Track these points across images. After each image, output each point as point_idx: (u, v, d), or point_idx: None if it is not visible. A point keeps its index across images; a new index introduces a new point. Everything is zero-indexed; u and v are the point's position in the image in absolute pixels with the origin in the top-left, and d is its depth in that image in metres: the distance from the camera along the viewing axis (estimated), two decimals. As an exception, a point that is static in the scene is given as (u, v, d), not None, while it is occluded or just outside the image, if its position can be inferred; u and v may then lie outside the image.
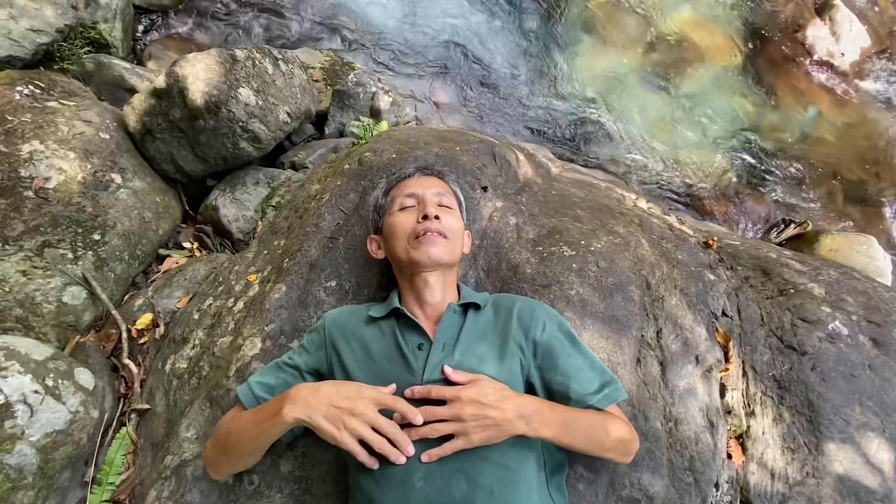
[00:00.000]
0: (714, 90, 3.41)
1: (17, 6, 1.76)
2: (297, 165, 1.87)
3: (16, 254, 1.15)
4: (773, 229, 2.64)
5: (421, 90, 2.65)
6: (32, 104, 1.33)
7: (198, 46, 2.49)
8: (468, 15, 2.99)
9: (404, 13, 2.85)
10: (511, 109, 2.83)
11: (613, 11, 3.42)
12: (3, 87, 1.32)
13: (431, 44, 2.81)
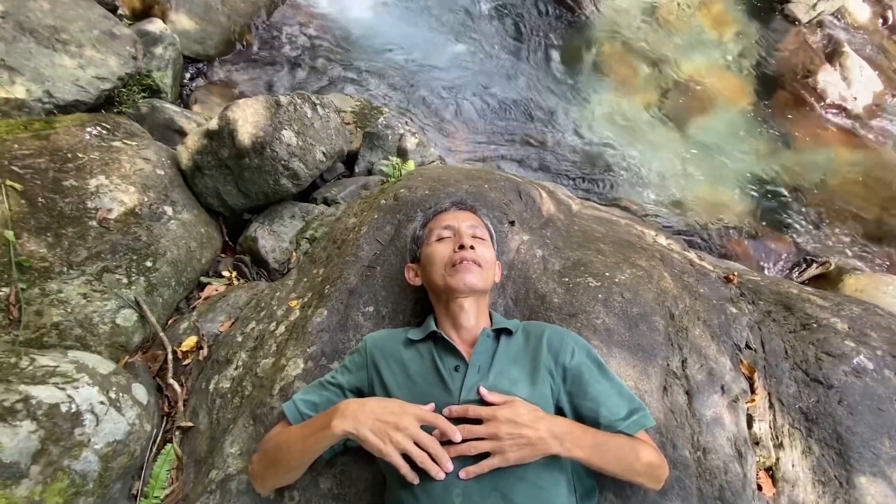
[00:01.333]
0: (728, 132, 3.54)
1: (86, 56, 1.99)
2: (330, 201, 2.01)
3: (78, 277, 1.27)
4: (796, 268, 2.67)
5: (444, 132, 2.83)
6: (100, 143, 1.50)
7: (238, 92, 2.73)
8: (487, 62, 3.23)
9: (429, 63, 3.09)
10: (529, 150, 2.98)
11: (627, 58, 3.64)
12: (76, 128, 1.50)
13: (454, 88, 3.03)
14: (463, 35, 3.28)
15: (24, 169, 1.30)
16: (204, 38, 2.76)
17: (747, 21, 4.14)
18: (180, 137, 2.15)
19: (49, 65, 1.86)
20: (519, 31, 3.42)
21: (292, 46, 2.96)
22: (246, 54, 2.88)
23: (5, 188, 1.22)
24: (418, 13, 3.28)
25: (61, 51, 1.91)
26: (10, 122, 1.42)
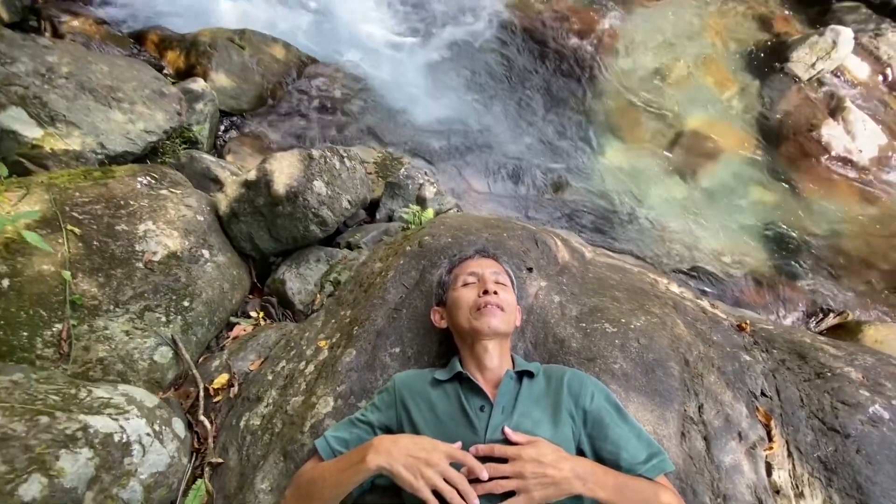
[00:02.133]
0: (736, 183, 3.67)
1: (137, 112, 2.22)
2: (353, 245, 2.13)
3: (123, 315, 1.38)
4: (813, 318, 2.68)
5: (460, 181, 3.00)
6: (149, 191, 1.65)
7: (268, 143, 2.96)
8: (500, 117, 3.45)
9: (445, 117, 3.32)
10: (541, 198, 3.12)
11: (634, 113, 3.86)
12: (129, 178, 1.66)
13: (468, 140, 3.23)
14: (478, 91, 3.54)
15: (83, 214, 1.44)
16: (239, 94, 3.03)
17: (749, 79, 4.40)
18: (214, 185, 2.33)
19: (104, 119, 2.07)
20: (531, 89, 3.68)
21: (318, 102, 3.21)
22: (276, 109, 3.14)
23: (66, 232, 1.36)
24: (436, 72, 3.56)
25: (115, 107, 2.13)
26: (72, 172, 1.59)
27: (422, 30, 3.75)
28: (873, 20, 5.34)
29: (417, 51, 3.63)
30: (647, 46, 4.27)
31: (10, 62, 1.93)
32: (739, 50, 4.60)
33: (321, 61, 3.35)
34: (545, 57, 3.88)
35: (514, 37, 3.95)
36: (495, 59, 3.77)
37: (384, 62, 3.46)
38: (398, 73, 3.46)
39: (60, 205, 1.39)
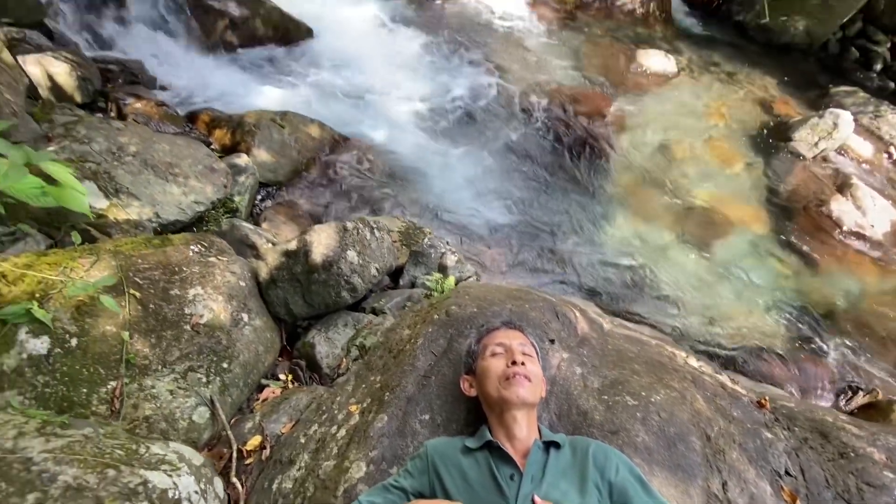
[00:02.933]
0: (749, 255, 3.78)
1: (189, 185, 2.48)
2: (377, 311, 2.25)
3: (169, 375, 1.49)
4: (841, 396, 2.65)
5: (479, 250, 3.17)
6: (200, 259, 1.83)
7: (300, 212, 3.21)
8: (517, 189, 3.70)
9: (466, 189, 3.58)
10: (556, 267, 3.26)
11: (644, 187, 4.08)
12: (183, 246, 1.85)
13: (487, 212, 3.45)
14: (494, 167, 3.83)
15: (143, 279, 1.61)
16: (276, 168, 3.34)
17: (754, 156, 4.66)
18: (251, 250, 2.52)
19: (161, 192, 2.33)
20: (544, 163, 3.96)
21: (347, 175, 3.51)
22: (309, 181, 3.43)
23: (128, 296, 1.52)
24: (454, 148, 3.88)
25: (172, 181, 2.40)
26: (135, 240, 1.79)
27: (442, 111, 4.14)
28: (872, 103, 5.69)
29: (437, 130, 3.99)
30: (654, 126, 4.60)
31: (88, 142, 2.23)
32: (742, 130, 4.92)
33: (352, 139, 3.70)
34: (557, 135, 4.21)
35: (528, 116, 4.32)
36: (510, 137, 4.11)
37: (408, 140, 3.81)
38: (420, 150, 3.79)
39: (125, 270, 1.57)
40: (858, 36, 6.74)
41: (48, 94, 2.94)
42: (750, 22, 6.22)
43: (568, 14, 5.71)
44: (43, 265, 1.42)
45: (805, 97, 5.62)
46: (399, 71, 4.37)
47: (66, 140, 2.15)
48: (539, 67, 4.89)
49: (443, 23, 5.11)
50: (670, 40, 5.80)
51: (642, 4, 5.91)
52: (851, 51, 6.56)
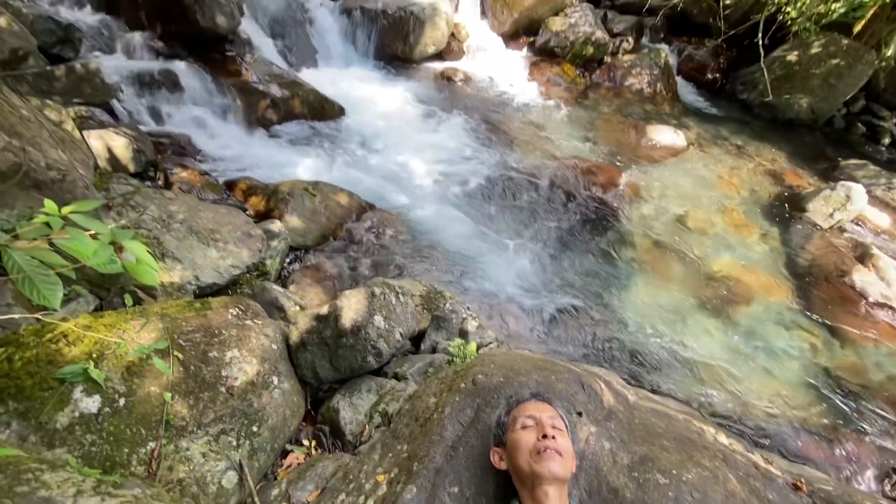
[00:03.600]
0: (773, 326, 3.74)
1: (227, 250, 2.66)
2: (399, 376, 2.29)
3: (203, 437, 1.54)
4: (886, 480, 2.50)
5: (499, 316, 3.23)
6: (237, 322, 1.94)
7: (326, 275, 3.35)
8: (535, 254, 3.81)
9: (486, 255, 3.71)
10: (577, 335, 3.27)
11: (661, 254, 4.16)
12: (222, 309, 1.97)
13: (507, 277, 3.55)
14: (514, 235, 3.98)
15: (186, 341, 1.71)
16: (306, 233, 3.54)
17: (769, 226, 4.75)
18: (278, 312, 2.64)
19: (202, 256, 2.50)
20: (562, 231, 4.11)
21: (372, 239, 3.69)
22: (335, 245, 3.61)
23: (172, 358, 1.61)
24: (476, 217, 4.07)
25: (212, 246, 2.58)
26: (179, 303, 1.92)
27: (461, 182, 4.40)
28: (884, 175, 5.84)
29: (457, 199, 4.21)
30: (667, 196, 4.78)
31: (143, 210, 2.45)
32: (756, 200, 5.06)
33: (377, 207, 3.93)
34: (573, 204, 4.40)
35: (545, 187, 4.55)
36: (528, 206, 4.30)
37: (430, 209, 4.02)
38: (441, 218, 3.99)
39: (170, 332, 1.67)
40: (863, 112, 7.07)
41: (106, 165, 3.26)
42: (754, 100, 6.60)
43: (579, 94, 6.17)
44: (100, 326, 1.53)
45: (815, 169, 5.81)
46: (422, 144, 4.71)
47: (125, 208, 2.37)
48: (553, 141, 5.22)
49: (462, 101, 5.57)
50: (678, 117, 6.16)
51: (650, 85, 6.36)
52: (857, 126, 6.85)
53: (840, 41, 6.16)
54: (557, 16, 6.25)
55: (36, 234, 1.36)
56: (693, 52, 6.94)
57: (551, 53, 6.29)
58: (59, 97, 3.35)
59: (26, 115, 1.95)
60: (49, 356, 1.38)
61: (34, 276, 1.27)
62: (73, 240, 1.27)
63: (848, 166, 5.85)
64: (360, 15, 5.41)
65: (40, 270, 1.29)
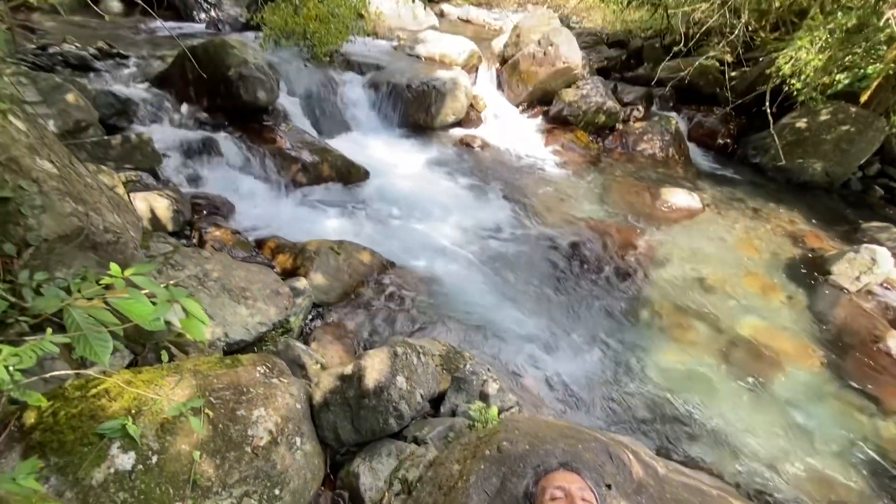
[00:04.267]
0: (807, 394, 3.59)
1: (256, 307, 2.76)
2: (419, 440, 2.27)
3: (227, 499, 1.54)
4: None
5: (519, 378, 3.19)
6: (264, 380, 1.99)
7: (346, 332, 3.41)
8: (556, 317, 3.82)
9: (505, 315, 3.74)
10: (599, 400, 3.20)
11: (682, 317, 4.12)
12: (250, 367, 2.03)
13: (527, 339, 3.54)
14: (534, 295, 4.02)
15: (216, 399, 1.76)
16: (329, 290, 3.65)
17: (794, 289, 4.69)
18: (300, 370, 2.67)
19: (232, 314, 2.60)
20: (582, 293, 4.13)
21: (392, 298, 3.77)
22: (356, 302, 3.70)
23: (203, 416, 1.66)
24: (497, 277, 4.15)
25: (242, 304, 2.69)
26: (210, 360, 1.99)
27: (480, 242, 4.53)
28: (908, 237, 5.77)
29: (476, 259, 4.32)
30: (686, 258, 4.80)
31: (182, 268, 2.60)
32: (777, 262, 5.03)
33: (398, 265, 4.05)
34: (591, 265, 4.46)
35: (562, 247, 4.63)
36: (546, 267, 4.37)
37: (450, 269, 4.12)
38: (461, 278, 4.07)
39: (202, 390, 1.73)
40: (879, 175, 7.14)
41: (147, 224, 3.49)
42: (767, 164, 6.76)
43: (593, 158, 6.43)
44: (139, 382, 1.61)
45: (836, 231, 5.79)
46: (442, 206, 4.92)
47: (165, 266, 2.53)
48: (569, 203, 5.38)
49: (480, 166, 5.85)
50: (692, 180, 6.32)
51: (662, 149, 6.60)
52: (875, 189, 6.90)
53: (848, 109, 6.38)
54: (570, 88, 6.68)
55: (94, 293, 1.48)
56: (702, 119, 7.25)
57: (565, 121, 6.65)
58: (112, 163, 3.67)
59: (90, 182, 2.17)
60: (91, 411, 1.45)
61: (89, 335, 1.37)
62: (132, 300, 1.39)
63: (870, 229, 5.83)
64: (386, 89, 5.89)
65: (94, 328, 1.39)
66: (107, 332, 1.39)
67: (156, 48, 5.46)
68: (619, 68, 8.28)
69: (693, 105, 7.51)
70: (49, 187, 1.78)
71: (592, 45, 8.69)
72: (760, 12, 6.50)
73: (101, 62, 4.92)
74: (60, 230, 1.76)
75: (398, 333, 3.49)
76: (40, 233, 1.73)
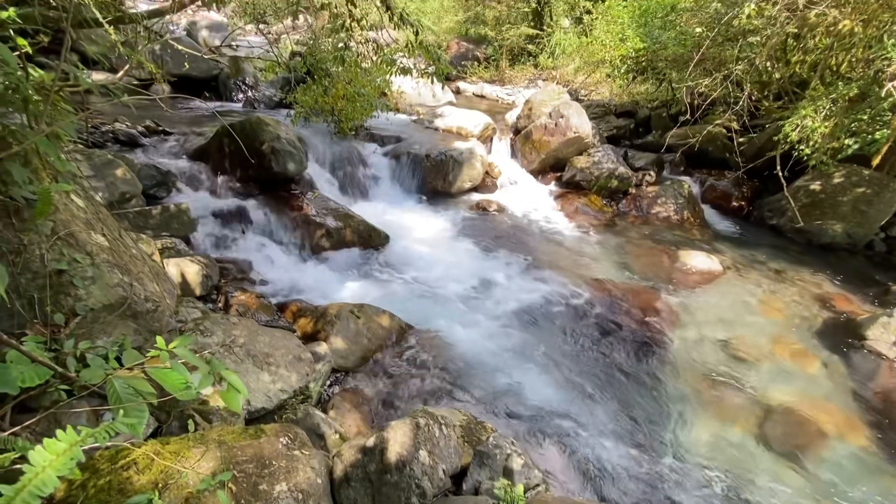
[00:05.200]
0: (856, 469, 3.35)
1: (279, 374, 2.78)
2: (442, 521, 2.17)
3: (245, 585, 1.48)
4: None
5: (544, 454, 3.07)
6: (286, 452, 1.97)
7: (365, 399, 3.37)
8: (581, 388, 3.72)
9: (528, 386, 3.66)
10: (629, 478, 3.03)
11: (711, 385, 3.96)
12: (273, 437, 2.02)
13: (550, 412, 3.44)
14: (553, 361, 3.95)
15: (240, 472, 1.75)
16: (348, 355, 3.66)
17: (828, 355, 4.50)
18: (318, 439, 2.63)
19: (255, 380, 2.63)
20: (606, 359, 4.05)
21: (412, 363, 3.75)
22: (375, 367, 3.69)
23: (226, 489, 1.64)
24: (517, 344, 4.12)
25: (265, 370, 2.73)
26: (234, 430, 1.99)
27: (500, 306, 4.54)
28: (944, 300, 5.57)
29: (496, 323, 4.31)
30: (710, 322, 4.70)
31: (210, 335, 2.67)
32: (806, 327, 4.88)
33: (417, 328, 4.07)
34: (613, 330, 4.40)
35: (582, 311, 4.61)
36: (567, 332, 4.33)
37: (469, 333, 4.12)
38: (480, 343, 4.05)
39: (227, 462, 1.73)
40: (903, 235, 7.03)
41: (177, 289, 3.63)
42: (785, 225, 6.76)
43: (608, 221, 6.55)
44: (167, 453, 1.62)
45: (866, 294, 5.64)
46: (460, 269, 5.01)
47: (194, 333, 2.61)
48: (588, 266, 5.42)
49: (497, 229, 6.01)
50: (709, 242, 6.34)
51: (676, 212, 6.70)
52: (900, 249, 6.77)
53: (861, 172, 6.47)
54: (581, 155, 6.97)
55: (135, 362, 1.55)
56: (715, 182, 7.40)
57: (578, 186, 6.87)
58: (151, 231, 3.91)
59: (135, 252, 2.32)
60: (120, 484, 1.46)
61: (128, 406, 1.43)
62: (168, 370, 1.45)
63: (901, 291, 5.66)
64: (406, 158, 6.25)
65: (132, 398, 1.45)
66: (144, 403, 1.44)
67: (196, 125, 5.98)
68: (629, 136, 8.64)
69: (704, 169, 7.71)
70: (101, 259, 1.92)
71: (601, 116, 9.16)
72: (762, 84, 6.83)
73: (148, 138, 5.39)
74: (106, 300, 1.87)
75: (417, 400, 3.44)
76: (88, 303, 1.84)
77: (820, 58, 5.55)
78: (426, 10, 13.97)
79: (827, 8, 4.71)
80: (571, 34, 12.34)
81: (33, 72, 1.80)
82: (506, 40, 12.93)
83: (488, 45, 13.50)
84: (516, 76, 12.81)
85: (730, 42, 6.23)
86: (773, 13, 4.85)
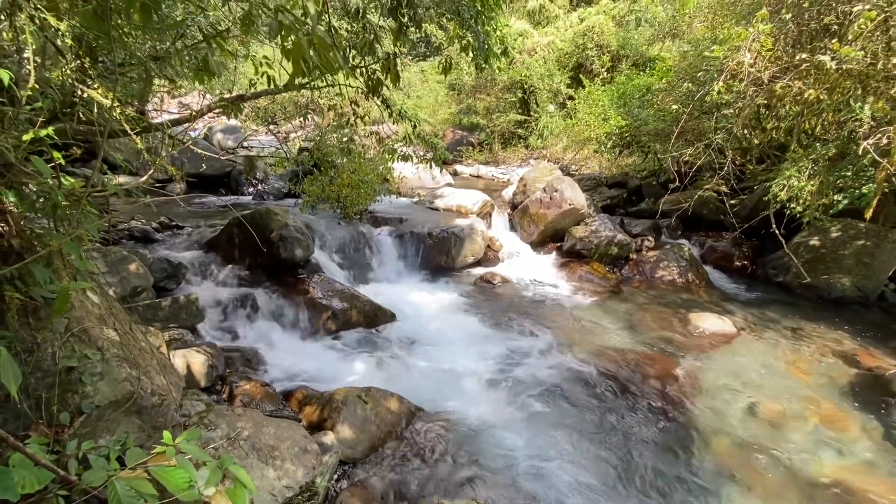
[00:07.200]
0: (927, 553, 2.99)
1: (284, 469, 2.64)
2: None
3: None
4: None
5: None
6: (292, 558, 1.82)
7: (375, 494, 3.14)
8: (597, 468, 3.48)
9: (548, 467, 3.44)
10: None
11: (746, 457, 3.69)
12: (277, 542, 1.87)
13: (568, 492, 3.19)
14: (575, 437, 3.74)
15: (241, 585, 1.60)
16: (355, 444, 3.48)
17: (864, 416, 4.25)
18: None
19: (260, 477, 2.49)
20: (624, 427, 3.83)
21: (423, 449, 3.55)
22: (385, 457, 3.49)
23: None
24: (532, 422, 3.93)
25: (270, 465, 2.59)
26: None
27: (511, 382, 4.40)
28: (971, 347, 5.37)
29: (508, 400, 4.15)
30: (732, 387, 4.51)
31: (214, 428, 2.59)
32: (834, 386, 4.66)
33: (427, 410, 3.91)
34: (633, 400, 4.21)
35: (597, 382, 4.44)
36: (584, 404, 4.15)
37: (480, 412, 3.95)
38: (493, 423, 3.87)
39: (228, 573, 1.59)
40: (914, 285, 6.96)
41: (181, 381, 3.57)
42: (792, 282, 6.73)
43: (613, 287, 6.56)
44: (164, 566, 1.50)
45: (890, 348, 5.45)
46: (467, 344, 4.93)
47: (200, 426, 2.53)
48: (597, 334, 5.33)
49: (503, 302, 6.01)
50: (718, 303, 6.28)
51: (680, 275, 6.73)
52: (914, 300, 6.66)
53: (857, 225, 6.59)
54: (579, 225, 7.18)
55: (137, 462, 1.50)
56: (714, 243, 7.52)
57: (579, 255, 6.98)
58: (159, 323, 3.94)
59: (144, 346, 2.33)
60: None
61: (128, 509, 1.36)
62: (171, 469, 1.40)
63: (926, 343, 5.48)
64: (409, 237, 6.44)
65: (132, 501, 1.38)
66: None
67: (208, 218, 6.28)
68: (623, 205, 8.95)
69: (700, 232, 7.87)
70: (111, 355, 1.94)
71: (594, 188, 9.57)
72: (743, 149, 7.21)
73: (161, 233, 5.64)
74: (113, 396, 1.86)
75: (428, 492, 3.20)
76: (95, 399, 1.82)
77: (793, 123, 5.91)
78: (422, 105, 15.26)
79: (791, 80, 5.13)
80: (557, 117, 13.32)
81: (65, 180, 1.96)
82: (497, 126, 13.95)
83: (481, 131, 14.54)
84: (509, 157, 13.63)
85: (706, 115, 6.70)
86: (741, 88, 5.27)
